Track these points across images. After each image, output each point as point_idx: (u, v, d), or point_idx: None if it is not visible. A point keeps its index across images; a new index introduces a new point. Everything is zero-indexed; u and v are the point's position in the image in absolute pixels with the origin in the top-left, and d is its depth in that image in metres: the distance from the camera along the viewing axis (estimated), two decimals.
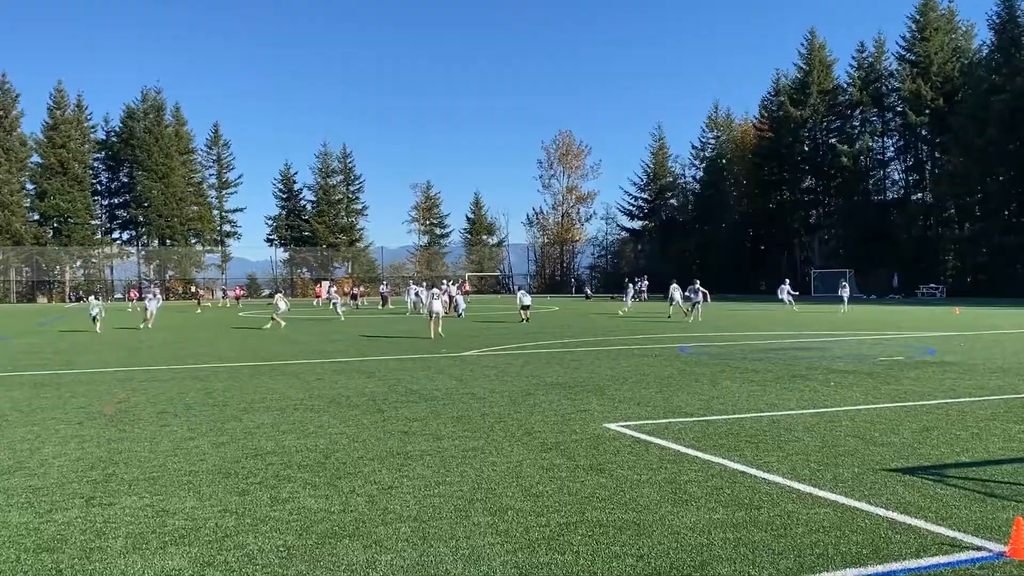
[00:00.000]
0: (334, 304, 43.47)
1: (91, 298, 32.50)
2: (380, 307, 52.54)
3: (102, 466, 7.88)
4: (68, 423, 10.36)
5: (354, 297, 57.04)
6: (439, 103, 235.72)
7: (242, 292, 72.05)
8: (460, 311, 38.24)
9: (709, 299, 34.65)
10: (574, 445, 8.61)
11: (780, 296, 43.19)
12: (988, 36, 67.10)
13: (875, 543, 5.42)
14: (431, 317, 24.84)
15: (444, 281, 50.26)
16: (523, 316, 33.41)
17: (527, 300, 34.40)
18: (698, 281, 34.56)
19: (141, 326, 31.74)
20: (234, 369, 15.87)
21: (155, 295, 37.00)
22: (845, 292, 41.60)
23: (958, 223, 71.11)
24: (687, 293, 34.56)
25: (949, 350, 18.74)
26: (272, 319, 31.31)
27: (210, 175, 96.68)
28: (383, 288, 60.00)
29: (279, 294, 37.12)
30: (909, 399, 11.53)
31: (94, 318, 29.40)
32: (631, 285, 48.09)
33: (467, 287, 60.78)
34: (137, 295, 69.74)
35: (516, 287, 37.44)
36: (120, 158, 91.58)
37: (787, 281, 42.09)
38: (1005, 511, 6.03)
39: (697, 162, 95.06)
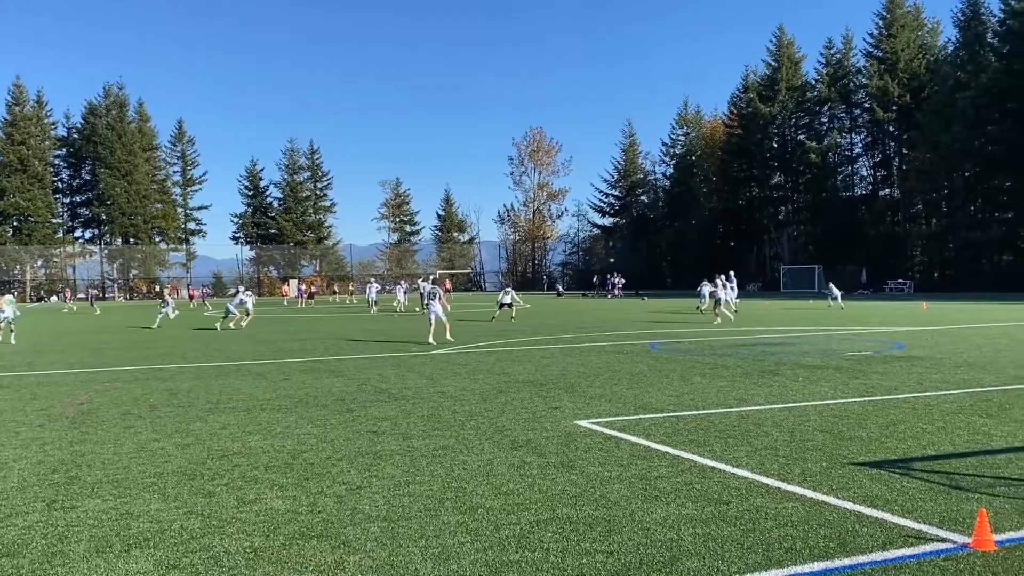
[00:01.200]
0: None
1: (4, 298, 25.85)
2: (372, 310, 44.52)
3: (64, 469, 7.75)
4: (29, 425, 10.19)
5: (311, 296, 55.56)
6: (408, 99, 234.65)
7: (206, 292, 69.74)
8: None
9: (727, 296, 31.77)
10: (545, 442, 8.59)
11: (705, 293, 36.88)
12: (953, 33, 68.12)
13: (842, 536, 5.45)
14: (431, 320, 22.41)
15: (422, 279, 49.17)
16: (498, 313, 32.95)
17: (507, 298, 33.13)
18: (728, 273, 33.48)
19: (243, 325, 30.13)
20: (199, 369, 15.70)
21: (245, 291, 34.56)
22: (835, 290, 41.21)
23: (925, 219, 72.09)
24: (714, 288, 31.41)
25: (916, 345, 18.96)
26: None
27: (174, 172, 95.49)
28: (372, 288, 49.44)
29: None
30: (877, 393, 11.64)
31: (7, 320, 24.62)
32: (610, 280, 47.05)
33: (448, 284, 59.32)
34: (198, 294, 65.56)
35: (502, 285, 35.93)
36: (82, 155, 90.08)
37: (731, 274, 37.31)
38: (969, 503, 6.10)
39: (667, 159, 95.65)
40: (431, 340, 21.59)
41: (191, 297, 64.04)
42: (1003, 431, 8.83)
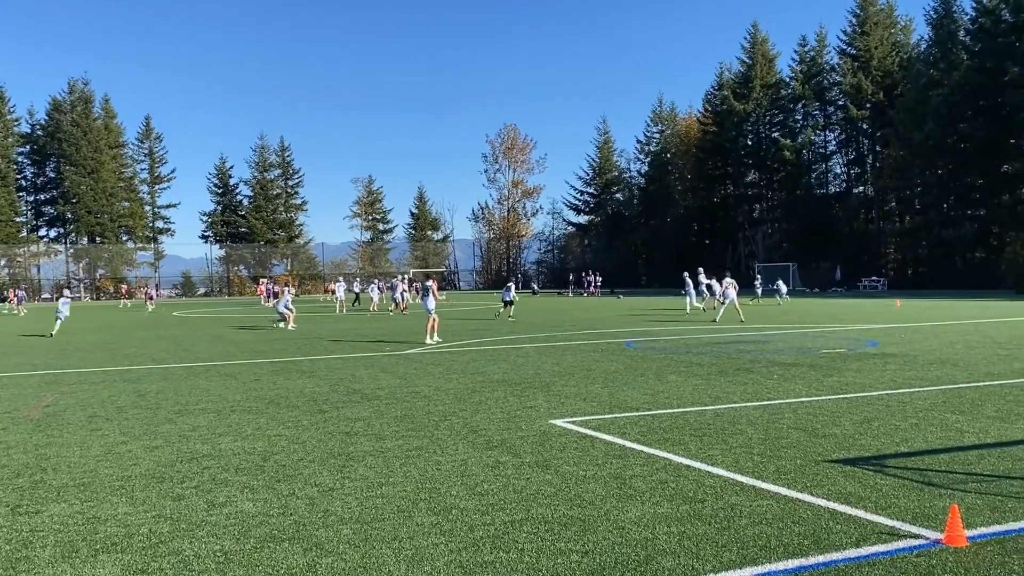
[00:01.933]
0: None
1: None
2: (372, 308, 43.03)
3: (29, 472, 7.60)
4: None
5: (275, 295, 54.64)
6: (382, 95, 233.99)
7: (168, 293, 67.68)
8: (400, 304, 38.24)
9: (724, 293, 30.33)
10: (520, 442, 8.55)
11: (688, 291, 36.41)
12: (926, 31, 68.73)
13: (816, 534, 5.45)
14: (431, 316, 22.04)
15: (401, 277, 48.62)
16: (503, 311, 32.59)
17: (508, 295, 32.86)
18: (728, 273, 31.86)
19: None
20: (168, 370, 15.51)
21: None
22: (782, 287, 41.96)
23: (899, 216, 72.79)
24: (713, 285, 31.05)
25: (890, 342, 19.10)
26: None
27: (142, 170, 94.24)
28: (340, 287, 47.48)
29: (66, 298, 29.77)
30: (851, 391, 11.69)
31: None
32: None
33: (435, 284, 58.54)
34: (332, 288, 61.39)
35: (506, 283, 35.17)
36: (46, 152, 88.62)
37: (700, 271, 36.54)
38: (942, 499, 6.12)
39: (642, 156, 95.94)
40: (433, 339, 21.53)
41: (150, 297, 60.69)
42: (975, 427, 8.89)
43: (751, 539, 5.38)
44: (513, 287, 34.47)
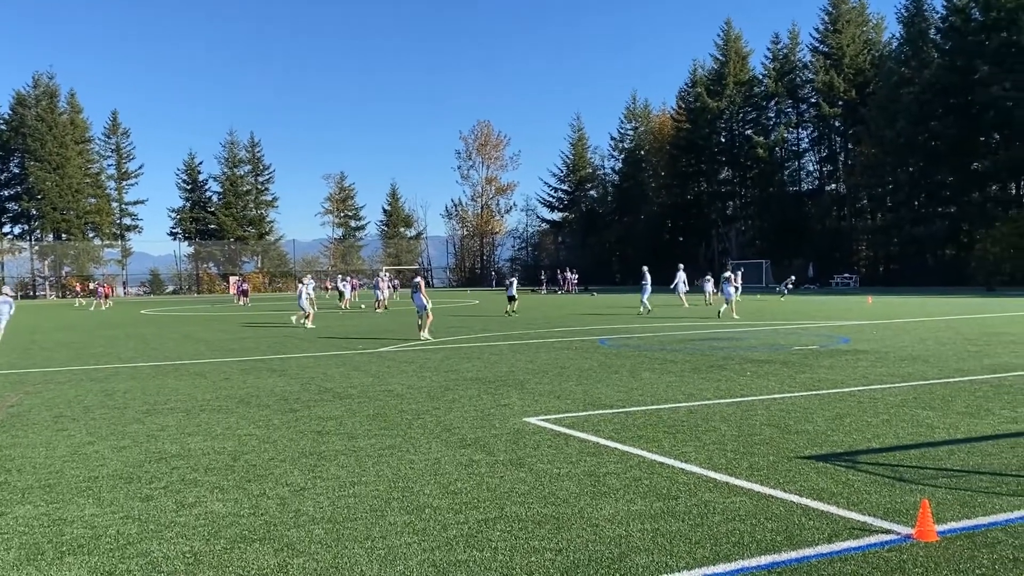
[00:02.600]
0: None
1: None
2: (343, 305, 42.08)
3: None
4: None
5: (244, 293, 53.89)
6: (353, 90, 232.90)
7: (136, 290, 66.29)
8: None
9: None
10: (493, 440, 8.51)
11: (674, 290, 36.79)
12: (897, 29, 69.45)
13: (789, 530, 5.47)
14: (429, 314, 22.28)
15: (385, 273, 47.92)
16: (509, 307, 32.23)
17: (512, 290, 32.64)
18: (730, 266, 31.34)
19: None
20: (136, 369, 15.29)
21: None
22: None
23: (870, 214, 73.54)
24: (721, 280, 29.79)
25: (862, 339, 19.26)
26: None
27: (109, 165, 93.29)
28: (348, 283, 45.57)
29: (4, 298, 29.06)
30: (823, 387, 11.76)
31: None
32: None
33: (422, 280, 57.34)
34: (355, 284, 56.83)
35: (507, 279, 34.58)
36: (10, 147, 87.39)
37: (680, 267, 37.05)
38: (912, 495, 6.16)
39: (616, 153, 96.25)
40: (424, 334, 21.72)
41: (106, 295, 58.42)
42: (945, 423, 8.96)
43: (724, 536, 5.38)
44: (515, 283, 34.14)
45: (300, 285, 28.34)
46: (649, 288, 31.22)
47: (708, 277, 32.63)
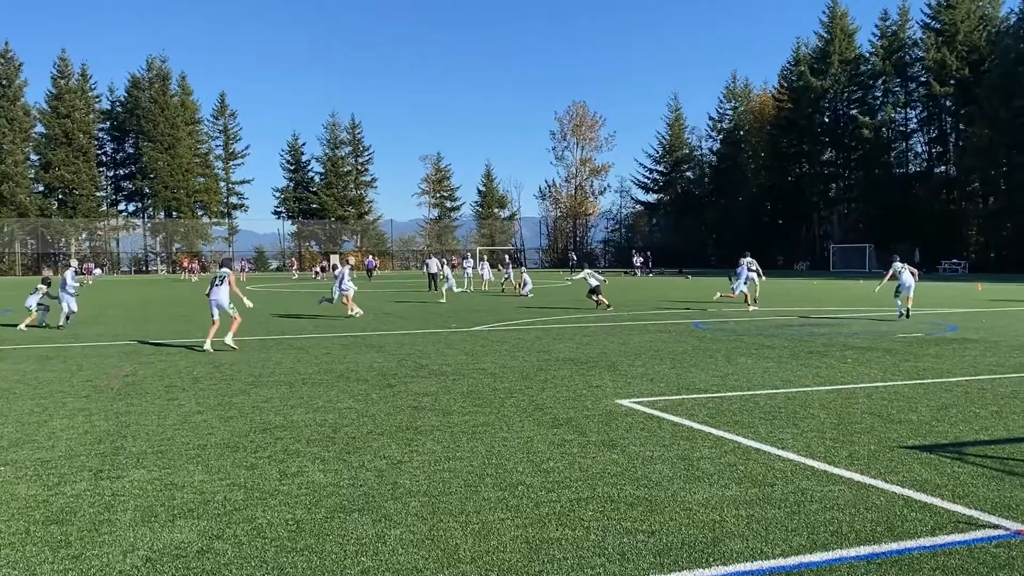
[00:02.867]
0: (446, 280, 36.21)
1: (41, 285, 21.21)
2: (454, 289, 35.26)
3: (110, 439, 7.87)
4: (75, 396, 10.37)
5: (323, 269, 53.17)
6: (450, 73, 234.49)
7: (239, 267, 68.00)
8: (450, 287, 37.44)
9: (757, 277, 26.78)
10: (585, 421, 8.54)
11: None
12: (1016, 3, 66.07)
13: (890, 521, 5.33)
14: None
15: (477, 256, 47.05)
16: (597, 300, 25.23)
17: (594, 281, 25.53)
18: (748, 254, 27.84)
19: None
20: (241, 342, 15.82)
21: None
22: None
23: (982, 197, 70.28)
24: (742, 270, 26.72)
25: (970, 327, 18.52)
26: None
27: (216, 146, 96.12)
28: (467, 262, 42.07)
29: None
30: (928, 376, 11.38)
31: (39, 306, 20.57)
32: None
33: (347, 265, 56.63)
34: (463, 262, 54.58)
35: (581, 265, 29.08)
36: (125, 128, 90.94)
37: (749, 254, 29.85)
38: (1023, 490, 5.92)
39: (714, 134, 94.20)
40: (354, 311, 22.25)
41: (88, 272, 58.28)
42: None
43: (822, 524, 5.28)
44: (594, 274, 26.84)
45: (342, 268, 26.35)
46: (745, 274, 28.67)
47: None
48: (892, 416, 8.64)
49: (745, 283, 25.81)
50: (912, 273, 21.30)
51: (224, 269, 16.64)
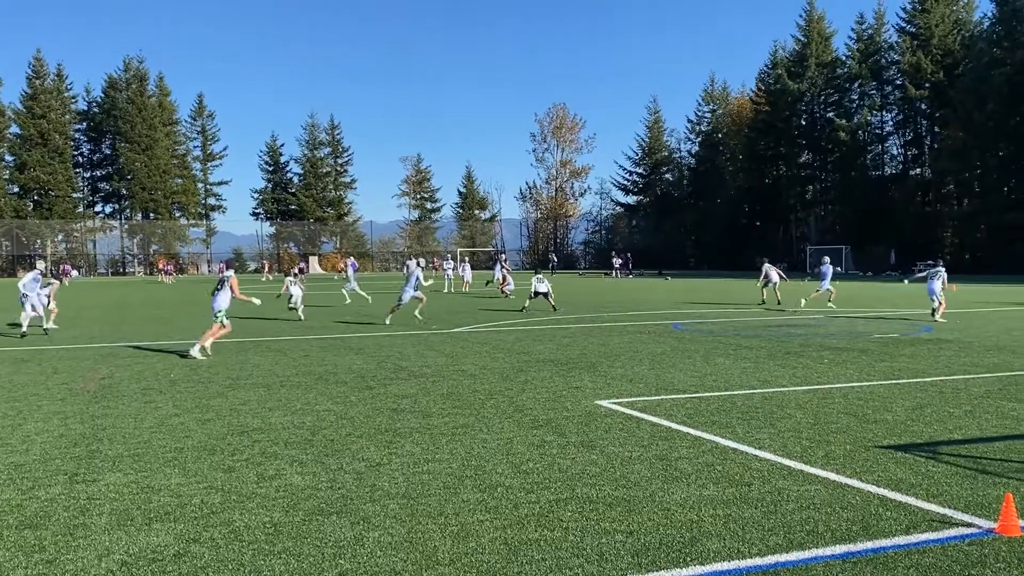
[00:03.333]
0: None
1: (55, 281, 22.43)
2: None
3: (85, 443, 7.81)
4: (50, 399, 10.28)
5: (301, 271, 52.72)
6: (430, 74, 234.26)
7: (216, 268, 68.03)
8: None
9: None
10: (565, 422, 8.55)
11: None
12: (989, 8, 66.67)
13: (865, 520, 5.38)
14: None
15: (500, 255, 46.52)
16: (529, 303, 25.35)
17: (543, 287, 25.42)
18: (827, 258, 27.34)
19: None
20: (219, 345, 15.72)
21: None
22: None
23: (957, 199, 70.95)
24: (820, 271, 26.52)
25: (945, 328, 18.72)
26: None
27: (194, 147, 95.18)
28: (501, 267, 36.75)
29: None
30: (903, 376, 11.49)
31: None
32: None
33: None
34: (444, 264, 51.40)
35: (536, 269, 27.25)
36: (102, 129, 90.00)
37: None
38: (996, 488, 6.00)
39: (693, 136, 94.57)
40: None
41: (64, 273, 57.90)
42: None
43: (798, 524, 5.32)
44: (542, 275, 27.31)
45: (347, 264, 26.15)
46: (831, 273, 27.00)
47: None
48: (868, 416, 8.71)
49: (768, 285, 27.10)
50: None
51: (228, 272, 15.51)
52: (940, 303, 21.06)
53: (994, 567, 4.60)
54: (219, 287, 15.16)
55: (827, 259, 27.73)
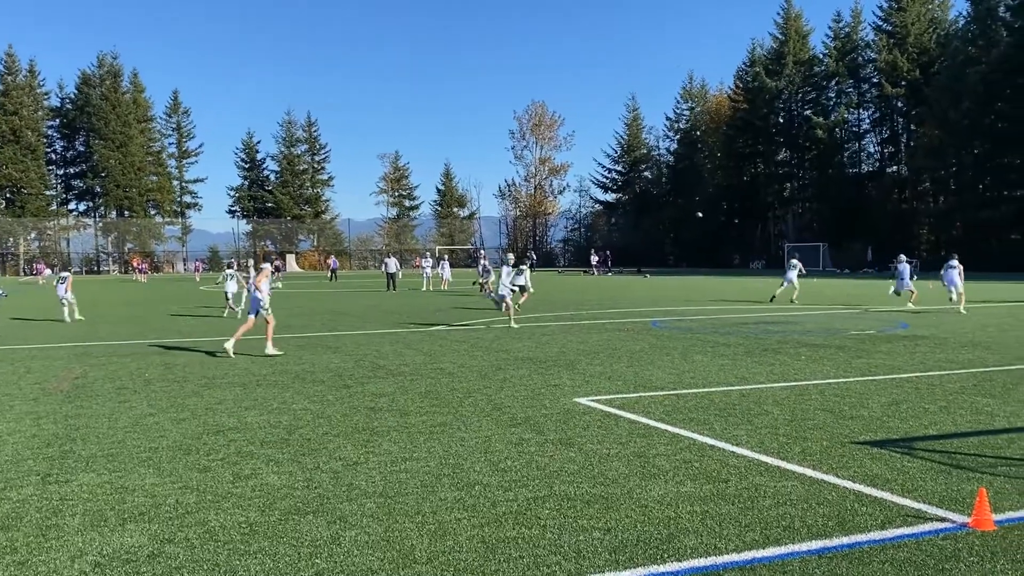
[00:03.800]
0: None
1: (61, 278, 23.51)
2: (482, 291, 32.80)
3: (59, 443, 7.72)
4: (23, 399, 10.17)
5: (277, 270, 52.43)
6: (408, 70, 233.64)
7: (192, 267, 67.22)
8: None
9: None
10: (543, 420, 8.55)
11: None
12: (965, 7, 67.34)
13: (841, 515, 5.41)
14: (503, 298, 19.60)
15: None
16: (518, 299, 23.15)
17: (521, 280, 23.24)
18: (903, 257, 26.53)
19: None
20: (195, 344, 15.62)
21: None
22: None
23: (933, 197, 71.58)
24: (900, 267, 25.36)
25: (921, 324, 18.88)
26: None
27: (169, 144, 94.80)
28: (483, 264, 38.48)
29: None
30: (879, 373, 11.57)
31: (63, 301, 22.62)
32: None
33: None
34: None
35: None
36: (75, 126, 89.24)
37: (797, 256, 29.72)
38: (970, 483, 6.05)
39: (671, 134, 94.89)
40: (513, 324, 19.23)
41: (36, 272, 57.75)
42: (1006, 411, 8.77)
43: (775, 520, 5.34)
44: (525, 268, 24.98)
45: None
46: (908, 270, 26.00)
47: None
48: (844, 412, 8.77)
49: (786, 283, 26.64)
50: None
51: (263, 265, 16.24)
52: (960, 293, 22.44)
53: (967, 561, 4.63)
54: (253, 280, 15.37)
55: (902, 257, 26.52)
